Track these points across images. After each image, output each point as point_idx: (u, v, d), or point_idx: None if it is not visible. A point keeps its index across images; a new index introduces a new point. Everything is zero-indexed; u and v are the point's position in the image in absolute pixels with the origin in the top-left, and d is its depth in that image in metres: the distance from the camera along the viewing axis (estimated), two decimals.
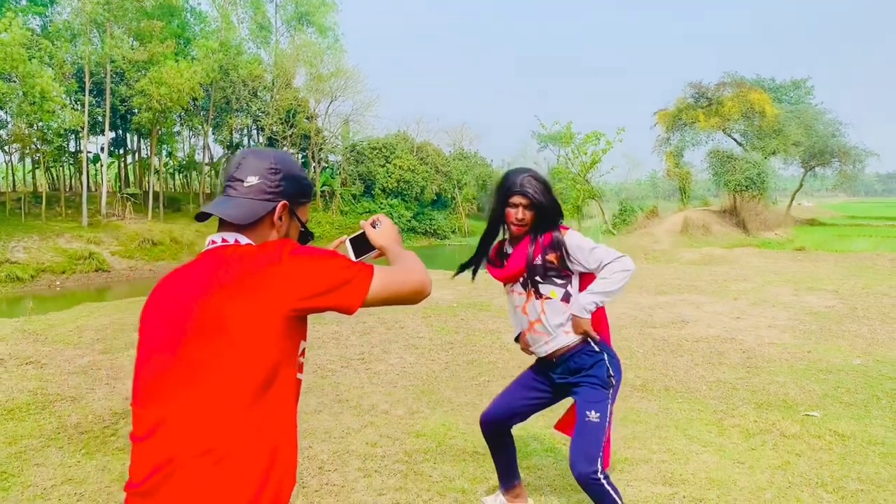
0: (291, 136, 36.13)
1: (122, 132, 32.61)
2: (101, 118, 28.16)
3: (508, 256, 2.61)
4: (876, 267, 12.85)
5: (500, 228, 2.64)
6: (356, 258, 1.63)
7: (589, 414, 2.42)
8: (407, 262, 1.50)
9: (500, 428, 2.78)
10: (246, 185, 1.41)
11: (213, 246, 1.39)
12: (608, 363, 2.49)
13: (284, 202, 1.43)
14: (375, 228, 1.64)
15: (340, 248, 1.67)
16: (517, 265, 2.54)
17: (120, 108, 28.64)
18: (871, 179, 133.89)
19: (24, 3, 26.74)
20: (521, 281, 2.57)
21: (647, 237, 24.04)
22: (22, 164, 31.63)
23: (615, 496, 2.32)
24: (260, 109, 34.96)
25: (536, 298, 2.52)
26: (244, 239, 1.38)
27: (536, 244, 2.50)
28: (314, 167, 37.87)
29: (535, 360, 2.73)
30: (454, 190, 43.57)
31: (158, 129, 30.12)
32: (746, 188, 29.09)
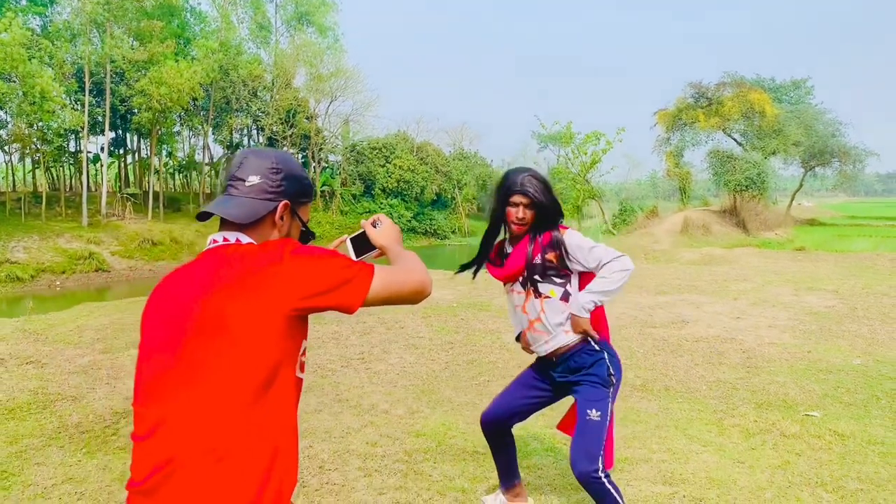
0: (291, 136, 36.14)
1: (122, 132, 32.63)
2: (101, 118, 28.18)
3: (508, 256, 2.61)
4: (876, 267, 12.85)
5: (500, 228, 2.64)
6: (357, 258, 1.63)
7: (590, 413, 2.43)
8: (407, 261, 1.50)
9: (500, 427, 2.78)
10: (247, 184, 1.41)
11: (214, 245, 1.39)
12: (608, 362, 2.50)
13: (286, 202, 1.43)
14: (376, 228, 1.65)
15: (341, 247, 1.67)
16: (516, 264, 2.54)
17: (120, 108, 28.66)
18: (871, 179, 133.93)
19: (24, 3, 26.75)
20: (520, 280, 2.57)
21: (647, 237, 24.04)
22: (22, 164, 31.65)
23: (616, 495, 2.33)
24: (260, 109, 34.98)
25: (536, 297, 2.53)
26: (245, 238, 1.38)
27: (536, 243, 2.50)
28: (314, 167, 37.87)
29: (535, 359, 2.73)
30: (454, 190, 43.58)
31: (158, 129, 30.14)
32: (746, 188, 29.10)
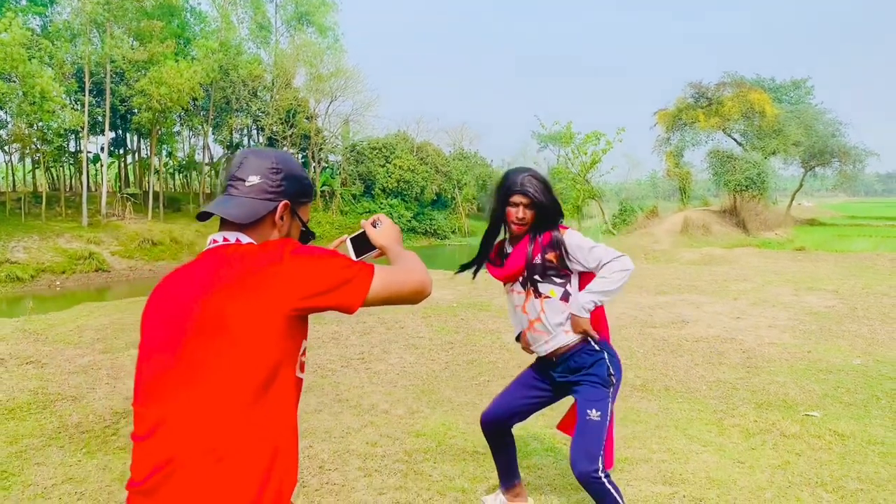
0: (291, 136, 36.14)
1: (122, 132, 32.62)
2: (101, 118, 28.18)
3: (508, 256, 2.61)
4: (876, 267, 12.85)
5: (501, 228, 2.64)
6: (357, 258, 1.63)
7: (590, 413, 2.43)
8: (407, 261, 1.50)
9: (500, 427, 2.78)
10: (247, 184, 1.41)
11: (214, 245, 1.39)
12: (608, 362, 2.50)
13: (286, 202, 1.43)
14: (376, 228, 1.65)
15: (341, 247, 1.67)
16: (516, 264, 2.54)
17: (120, 108, 28.66)
18: (871, 179, 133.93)
19: (24, 3, 26.75)
20: (520, 280, 2.57)
21: (646, 237, 24.04)
22: (22, 164, 31.65)
23: (616, 495, 2.33)
24: (260, 109, 34.98)
25: (536, 297, 2.53)
26: (245, 238, 1.38)
27: (535, 243, 2.50)
28: (314, 167, 37.87)
29: (535, 359, 2.73)
30: (454, 190, 43.58)
31: (158, 129, 30.14)
32: (746, 188, 29.09)
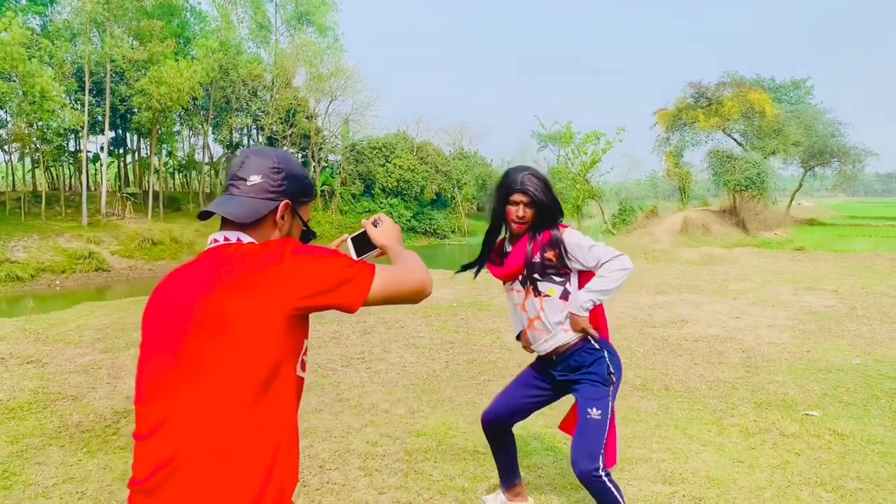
0: (291, 135, 36.14)
1: (121, 132, 32.62)
2: (100, 118, 28.18)
3: (508, 255, 2.61)
4: (875, 267, 12.86)
5: (502, 227, 2.64)
6: (357, 257, 1.64)
7: (590, 411, 2.43)
8: (408, 261, 1.51)
9: (501, 426, 2.79)
10: (249, 184, 1.41)
11: (215, 244, 1.39)
12: (608, 360, 2.50)
13: (287, 201, 1.43)
14: (377, 227, 1.65)
15: (342, 246, 1.67)
16: (516, 263, 2.55)
17: (120, 107, 28.65)
18: (870, 179, 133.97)
19: (23, 2, 26.73)
20: (519, 279, 2.58)
21: (646, 237, 24.02)
22: (22, 163, 31.65)
23: (616, 494, 2.33)
24: (260, 109, 34.98)
25: (535, 296, 2.53)
26: (246, 237, 1.39)
27: (535, 242, 2.51)
28: (314, 167, 37.86)
29: (535, 358, 2.74)
30: (454, 189, 43.58)
31: (158, 128, 30.14)
32: (746, 188, 29.09)
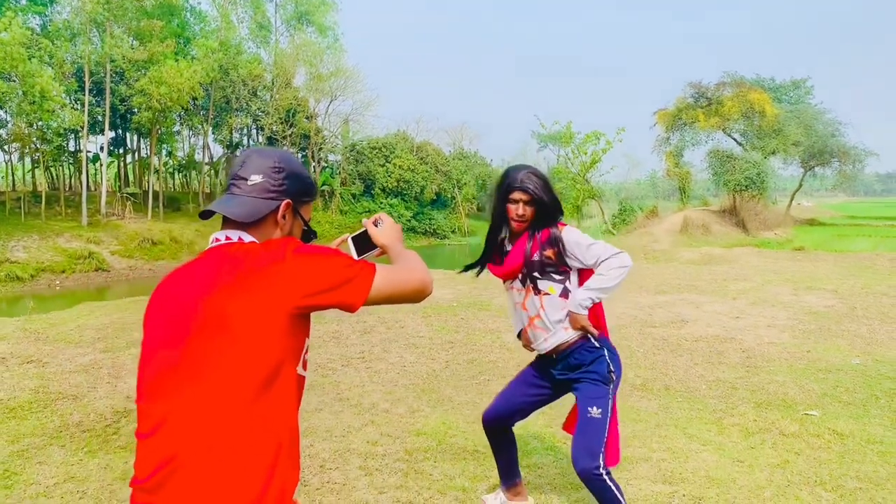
0: (291, 135, 36.14)
1: (121, 131, 32.62)
2: (100, 117, 28.18)
3: (507, 253, 2.62)
4: (875, 267, 12.86)
5: (503, 225, 2.65)
6: (358, 256, 1.64)
7: (590, 410, 2.44)
8: (409, 261, 1.51)
9: (501, 426, 2.79)
10: (250, 183, 1.42)
11: (216, 244, 1.39)
12: (608, 358, 2.51)
13: (288, 201, 1.44)
14: (377, 227, 1.65)
15: (342, 246, 1.68)
16: (515, 262, 2.55)
17: (120, 107, 28.66)
18: (870, 179, 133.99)
19: (23, 2, 26.73)
20: (519, 277, 2.58)
21: (646, 237, 24.03)
22: (21, 163, 31.65)
23: (617, 492, 2.34)
24: (260, 109, 34.99)
25: (535, 294, 2.54)
26: (248, 237, 1.39)
27: (534, 240, 2.51)
28: (314, 167, 37.86)
29: (535, 357, 2.74)
30: (454, 189, 43.58)
31: (158, 128, 30.15)
32: (746, 188, 29.09)
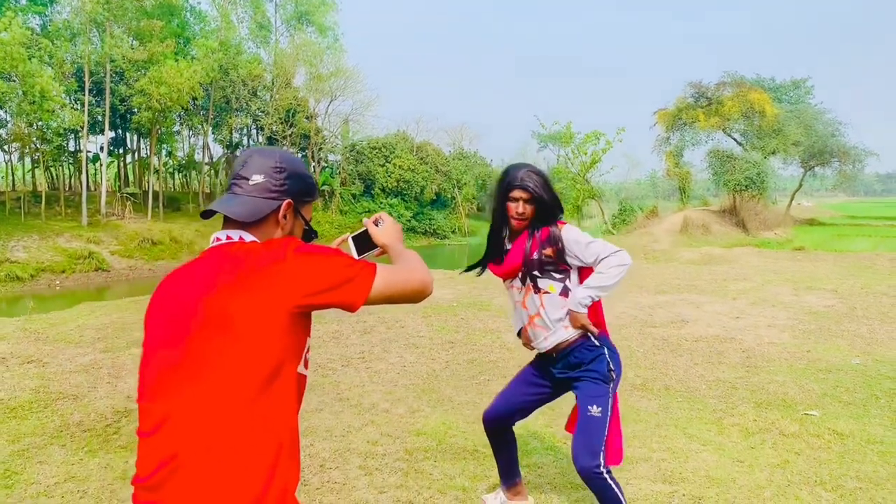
0: (291, 135, 36.15)
1: (121, 131, 32.62)
2: (100, 117, 28.19)
3: (507, 252, 2.62)
4: (875, 267, 12.86)
5: (503, 224, 2.65)
6: (358, 256, 1.64)
7: (590, 409, 2.44)
8: (409, 260, 1.51)
9: (502, 425, 2.80)
10: (251, 183, 1.42)
11: (217, 243, 1.40)
12: (608, 357, 2.51)
13: (289, 200, 1.44)
14: (378, 226, 1.66)
15: (343, 245, 1.68)
16: (515, 260, 2.56)
17: (119, 107, 28.66)
18: (870, 179, 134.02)
19: (23, 2, 26.73)
20: (519, 276, 2.58)
21: (646, 237, 24.03)
22: (21, 163, 31.66)
23: (617, 491, 2.34)
24: (260, 109, 35.00)
25: (535, 293, 2.54)
26: (249, 236, 1.39)
27: (534, 239, 2.51)
28: (314, 167, 37.87)
29: (534, 356, 2.74)
30: (454, 190, 43.58)
31: (158, 128, 30.15)
32: (746, 188, 29.09)
